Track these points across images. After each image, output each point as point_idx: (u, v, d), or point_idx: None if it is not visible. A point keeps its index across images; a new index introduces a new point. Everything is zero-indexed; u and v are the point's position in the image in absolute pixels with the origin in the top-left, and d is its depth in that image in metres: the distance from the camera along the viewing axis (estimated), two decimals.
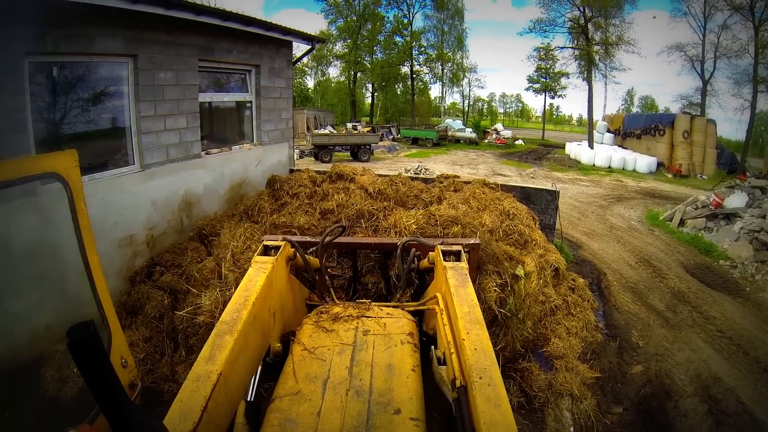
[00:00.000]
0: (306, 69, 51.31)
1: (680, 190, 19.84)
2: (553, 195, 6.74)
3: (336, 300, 3.36)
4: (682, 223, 12.47)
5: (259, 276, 2.46)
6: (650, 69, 48.00)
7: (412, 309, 3.26)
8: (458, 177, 6.70)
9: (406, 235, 4.73)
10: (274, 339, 2.52)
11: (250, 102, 7.72)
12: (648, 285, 7.85)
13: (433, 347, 2.34)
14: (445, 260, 2.84)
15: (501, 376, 1.77)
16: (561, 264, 5.53)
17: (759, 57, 26.80)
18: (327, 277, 3.64)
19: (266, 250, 2.86)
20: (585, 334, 5.42)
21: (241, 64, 7.34)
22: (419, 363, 2.36)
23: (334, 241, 3.64)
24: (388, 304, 3.39)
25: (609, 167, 25.21)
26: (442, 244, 3.12)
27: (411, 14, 44.76)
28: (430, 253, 3.23)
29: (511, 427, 1.53)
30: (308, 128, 34.47)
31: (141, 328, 4.86)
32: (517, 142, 37.55)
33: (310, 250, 3.49)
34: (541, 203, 6.74)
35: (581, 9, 30.14)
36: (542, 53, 41.01)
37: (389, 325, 2.64)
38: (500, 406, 1.61)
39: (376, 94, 50.41)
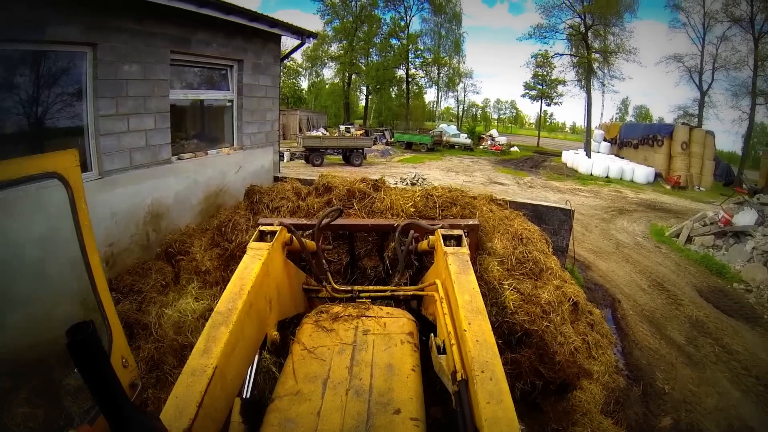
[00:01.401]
0: (300, 69, 50.69)
1: (680, 202, 19.41)
2: (567, 214, 6.05)
3: (333, 284, 3.28)
4: (689, 240, 11.92)
5: (255, 263, 2.39)
6: (645, 79, 47.96)
7: (410, 293, 3.22)
8: (462, 192, 5.95)
9: (404, 218, 4.44)
10: (271, 327, 2.49)
11: (231, 101, 6.91)
12: (664, 313, 7.20)
13: (432, 335, 2.28)
14: (445, 245, 2.76)
15: (503, 370, 1.71)
16: (580, 297, 4.83)
17: (758, 69, 26.64)
18: (324, 260, 3.53)
19: (262, 236, 2.77)
20: (606, 379, 4.72)
21: (221, 58, 6.55)
22: (419, 363, 2.33)
23: (331, 223, 3.58)
24: (385, 288, 3.33)
25: (607, 177, 24.77)
26: (441, 227, 3.03)
27: (408, 17, 44.31)
28: (429, 236, 3.16)
29: (513, 424, 1.48)
30: (300, 129, 33.72)
31: None
32: (512, 149, 37.07)
33: (306, 233, 3.39)
34: (554, 223, 6.04)
35: (582, 17, 29.73)
36: (539, 59, 40.74)
37: (389, 324, 2.60)
38: (502, 402, 1.56)
39: (370, 96, 49.74)
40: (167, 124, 5.74)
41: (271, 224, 2.92)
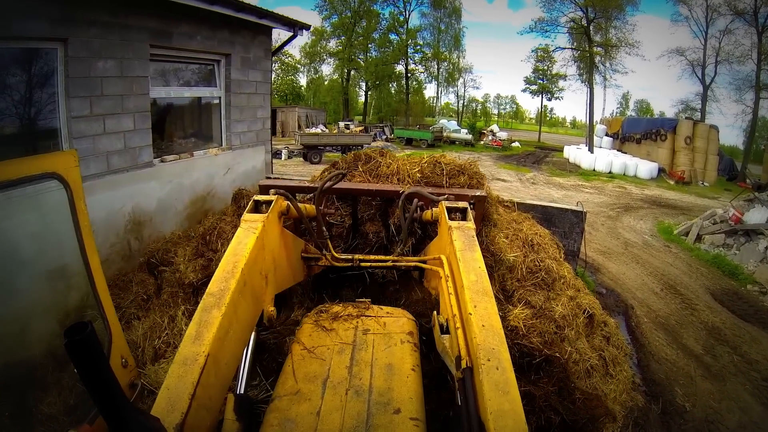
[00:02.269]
0: (298, 66, 50.09)
1: (685, 198, 19.02)
2: (579, 217, 5.66)
3: (334, 252, 3.20)
4: (698, 238, 11.53)
5: (249, 237, 2.28)
6: (646, 73, 47.47)
7: (413, 264, 3.22)
8: (471, 162, 5.55)
9: (410, 184, 4.31)
10: (268, 303, 2.42)
11: (218, 98, 6.50)
12: (679, 319, 6.83)
13: (435, 313, 2.25)
14: (450, 218, 2.64)
15: (510, 358, 1.64)
16: (596, 309, 4.45)
17: (762, 63, 26.15)
18: (324, 227, 3.36)
19: (257, 206, 2.63)
20: (624, 398, 4.35)
21: (206, 52, 6.14)
22: (419, 362, 2.31)
23: (334, 187, 3.41)
24: (387, 257, 3.31)
25: (610, 172, 24.32)
26: (446, 199, 2.92)
27: (407, 12, 43.69)
28: (434, 208, 3.09)
29: (520, 417, 1.41)
30: (299, 126, 33.25)
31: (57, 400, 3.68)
32: (513, 145, 36.60)
33: (308, 197, 3.25)
34: (565, 226, 5.66)
35: (584, 10, 29.17)
36: (540, 54, 40.22)
37: (389, 324, 2.58)
38: (509, 393, 1.49)
39: (369, 92, 49.18)
40: (148, 124, 5.35)
41: (272, 186, 2.76)
